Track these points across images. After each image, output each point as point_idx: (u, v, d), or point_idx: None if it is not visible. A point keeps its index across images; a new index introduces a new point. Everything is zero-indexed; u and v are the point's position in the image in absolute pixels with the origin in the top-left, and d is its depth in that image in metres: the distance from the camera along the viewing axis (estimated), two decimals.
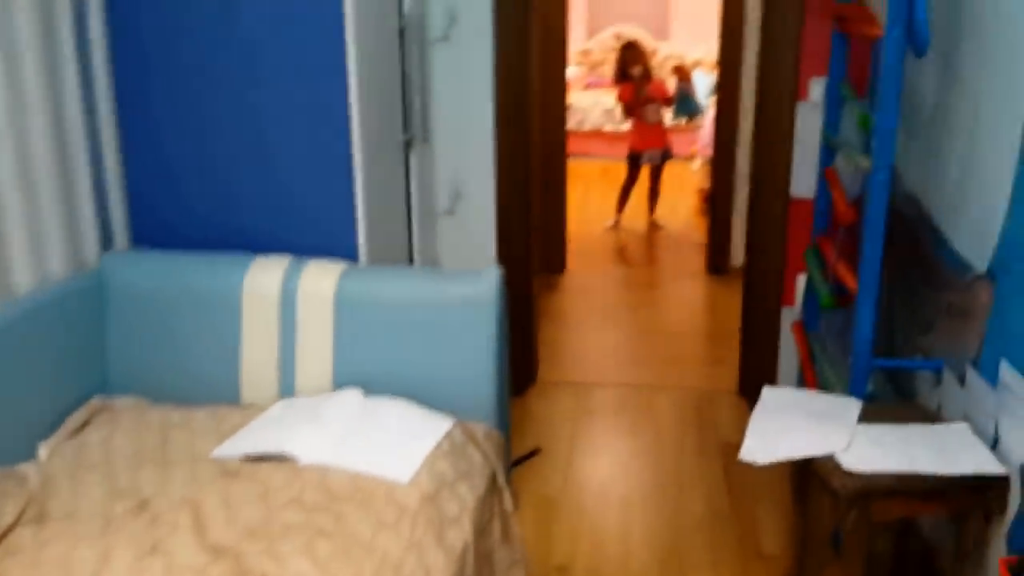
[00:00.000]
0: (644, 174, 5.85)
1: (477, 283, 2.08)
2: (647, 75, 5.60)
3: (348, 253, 2.28)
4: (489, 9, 2.96)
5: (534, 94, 3.20)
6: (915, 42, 1.97)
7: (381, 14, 2.41)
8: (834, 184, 2.62)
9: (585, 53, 8.88)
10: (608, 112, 8.00)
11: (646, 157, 5.75)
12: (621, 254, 5.50)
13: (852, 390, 2.22)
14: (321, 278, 2.12)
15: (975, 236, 1.99)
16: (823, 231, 2.77)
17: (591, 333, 4.14)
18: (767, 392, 2.14)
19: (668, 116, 5.87)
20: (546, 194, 4.83)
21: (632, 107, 5.67)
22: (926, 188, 2.35)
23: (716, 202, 4.89)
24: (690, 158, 7.07)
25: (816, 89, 2.86)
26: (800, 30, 2.84)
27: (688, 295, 4.71)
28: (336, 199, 2.25)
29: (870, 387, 2.34)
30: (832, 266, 2.51)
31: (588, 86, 8.62)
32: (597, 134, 8.14)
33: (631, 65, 5.56)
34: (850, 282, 2.29)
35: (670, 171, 5.87)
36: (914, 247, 2.42)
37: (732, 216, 4.85)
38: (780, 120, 2.93)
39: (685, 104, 5.67)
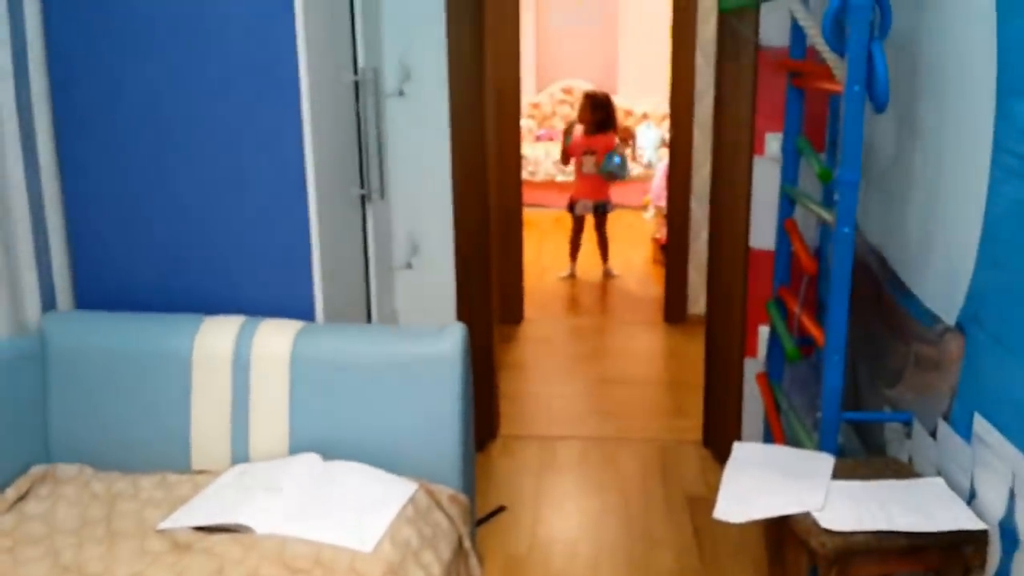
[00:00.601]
0: (589, 224, 5.88)
1: (440, 341, 2.02)
2: (602, 126, 5.63)
3: (304, 311, 2.21)
4: (443, 63, 2.94)
5: (490, 146, 3.18)
6: (875, 98, 1.99)
7: (336, 69, 2.38)
8: (794, 235, 2.63)
9: (535, 106, 8.97)
10: (559, 163, 8.05)
11: (580, 207, 5.78)
12: (578, 303, 5.48)
13: (823, 445, 2.20)
14: (276, 338, 2.04)
15: (942, 288, 1.99)
16: (784, 282, 2.78)
17: (552, 384, 4.08)
18: (738, 448, 2.10)
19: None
20: (503, 245, 4.81)
21: (567, 155, 5.72)
22: (887, 239, 2.37)
23: (671, 252, 4.91)
24: (643, 207, 7.15)
25: (772, 144, 2.89)
26: (754, 85, 2.87)
27: (647, 344, 4.69)
28: (292, 256, 2.18)
29: (839, 439, 2.32)
30: (796, 318, 2.51)
31: (539, 138, 8.70)
32: (549, 184, 8.18)
33: (582, 115, 5.61)
34: (816, 334, 2.27)
35: (623, 220, 5.91)
36: (877, 297, 2.43)
37: (688, 265, 4.87)
38: (737, 174, 2.94)
39: (612, 163, 5.66)
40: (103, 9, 2.06)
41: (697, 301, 4.85)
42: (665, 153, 5.83)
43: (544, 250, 6.74)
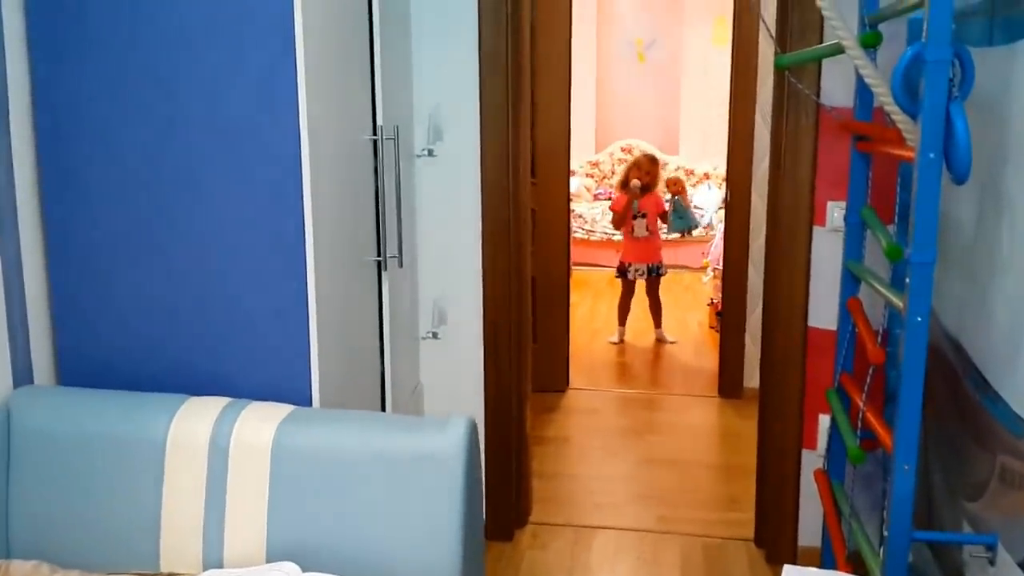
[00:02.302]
0: (640, 289, 5.61)
1: (441, 435, 1.76)
2: (648, 189, 5.41)
3: (300, 392, 1.98)
4: (475, 123, 2.75)
5: (524, 209, 2.95)
6: (954, 168, 1.70)
7: (349, 127, 2.19)
8: (859, 317, 2.33)
9: (594, 164, 8.78)
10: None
11: (632, 271, 5.52)
12: (628, 372, 5.18)
13: (889, 569, 1.87)
14: (258, 425, 1.81)
15: None
16: (847, 369, 2.46)
17: (592, 464, 3.78)
18: (789, 573, 1.79)
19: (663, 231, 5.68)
20: (549, 308, 4.57)
21: (621, 219, 5.48)
22: (967, 327, 2.05)
23: (727, 321, 4.60)
24: (702, 269, 6.83)
25: (835, 213, 2.60)
26: (815, 150, 2.60)
27: (698, 420, 4.36)
28: (286, 331, 1.96)
29: (909, 557, 1.99)
30: (860, 413, 2.19)
31: (597, 197, 8.49)
32: (606, 244, 7.95)
33: (636, 175, 5.38)
34: (883, 437, 1.96)
35: (680, 282, 5.63)
36: (954, 393, 2.10)
37: (744, 336, 4.55)
38: (795, 245, 2.66)
39: (680, 218, 5.45)
40: (93, 60, 1.91)
41: (754, 375, 4.49)
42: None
43: (597, 312, 6.48)
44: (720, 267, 5.62)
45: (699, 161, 8.38)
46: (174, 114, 1.92)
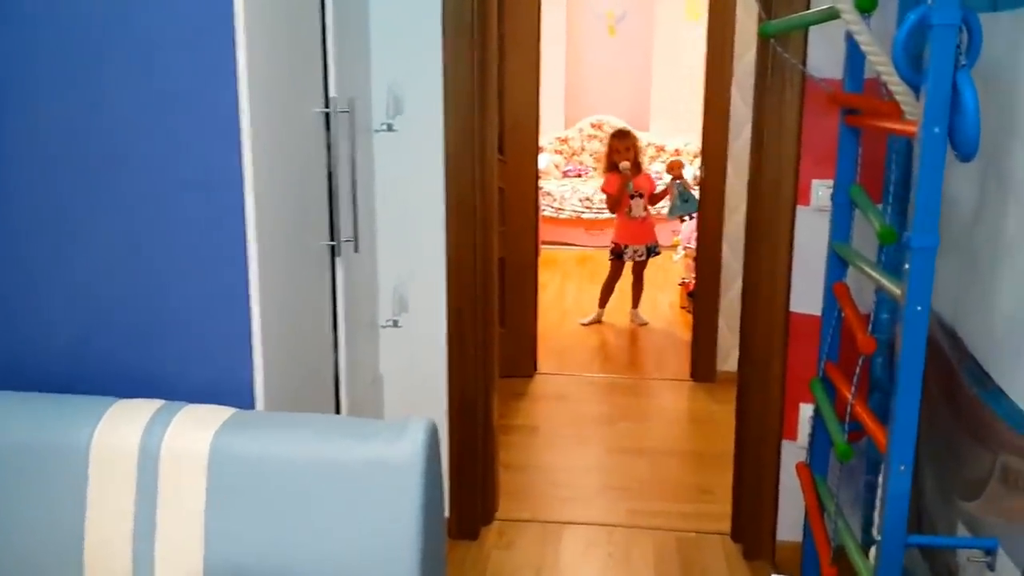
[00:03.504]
0: (628, 268, 5.47)
1: (398, 441, 1.59)
2: (636, 167, 5.25)
3: (242, 393, 1.80)
4: (439, 95, 2.56)
5: (491, 187, 2.77)
6: (961, 144, 1.55)
7: (297, 98, 1.99)
8: (846, 303, 2.18)
9: (563, 140, 8.59)
10: (586, 200, 7.67)
11: (629, 253, 5.37)
12: (599, 354, 5.03)
13: (883, 575, 1.74)
14: (194, 430, 1.62)
15: None
16: (832, 358, 2.32)
17: (561, 453, 3.63)
18: None
19: (654, 211, 5.50)
20: (518, 290, 4.40)
21: (617, 201, 5.30)
22: (964, 315, 1.92)
23: (700, 304, 4.46)
24: (672, 248, 6.70)
25: (820, 192, 2.46)
26: (800, 125, 2.44)
27: (671, 406, 4.23)
28: (226, 326, 1.77)
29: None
30: (849, 407, 2.05)
31: (566, 174, 8.31)
32: (576, 222, 7.79)
33: (620, 157, 5.20)
34: (877, 436, 1.82)
35: (650, 261, 5.48)
36: (949, 387, 1.97)
37: (718, 318, 4.42)
38: (777, 227, 2.51)
39: (685, 201, 5.28)
40: (6, 25, 1.69)
41: (728, 358, 4.39)
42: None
43: (566, 292, 6.33)
44: (691, 246, 5.50)
45: (670, 137, 8.22)
46: (99, 84, 1.71)
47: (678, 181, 5.35)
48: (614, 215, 5.49)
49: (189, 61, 1.69)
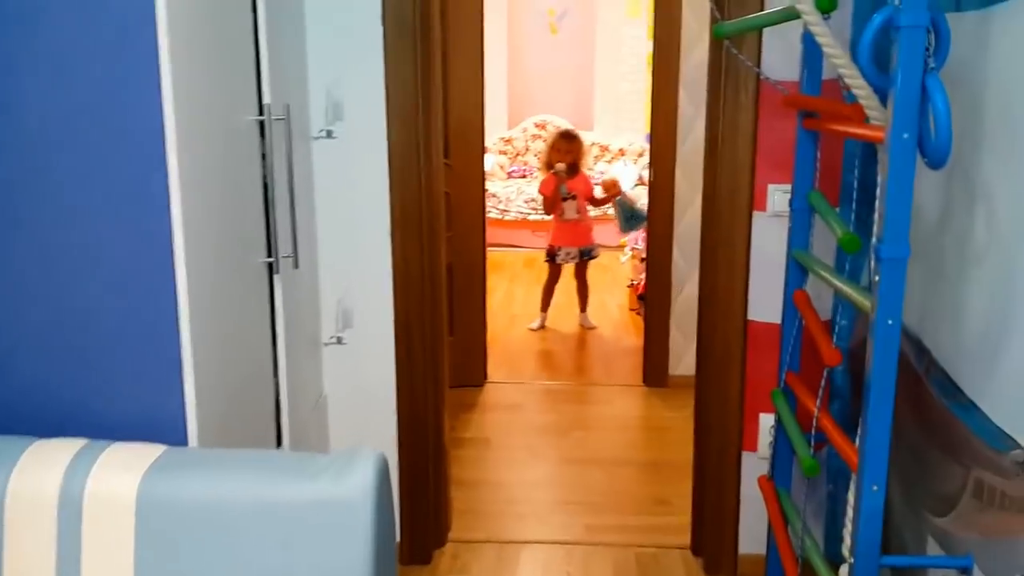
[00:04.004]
0: (568, 271, 5.39)
1: (345, 478, 1.47)
2: (574, 169, 5.16)
3: (173, 428, 1.66)
4: (381, 99, 2.43)
5: (438, 193, 2.66)
6: (932, 151, 1.49)
7: (227, 105, 1.84)
8: (807, 312, 2.12)
9: (507, 141, 8.50)
10: (531, 201, 7.58)
11: (562, 255, 5.29)
12: (549, 360, 4.95)
13: None
14: (120, 473, 1.48)
15: (1018, 401, 1.48)
16: (793, 368, 2.26)
17: (514, 467, 3.53)
18: None
19: (598, 213, 5.44)
20: (466, 296, 4.29)
21: (551, 203, 5.21)
22: (930, 324, 1.86)
23: (651, 308, 4.40)
24: (619, 248, 6.66)
25: (775, 197, 2.40)
26: (755, 128, 2.38)
27: (624, 412, 4.16)
28: (154, 354, 1.63)
29: None
30: (815, 421, 1.99)
31: (511, 175, 8.22)
32: (522, 223, 7.71)
33: (558, 157, 5.11)
34: (847, 453, 1.75)
35: (596, 263, 5.41)
36: (916, 399, 1.92)
37: (669, 321, 4.36)
38: (734, 233, 2.45)
39: (630, 218, 5.22)
40: None
41: (680, 362, 4.34)
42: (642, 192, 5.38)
43: (514, 296, 6.24)
44: (639, 247, 5.45)
45: (614, 136, 8.19)
46: (9, 96, 1.55)
47: (619, 197, 5.30)
48: (551, 217, 5.42)
49: (108, 69, 1.55)
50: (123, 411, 1.66)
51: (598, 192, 5.49)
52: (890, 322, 1.57)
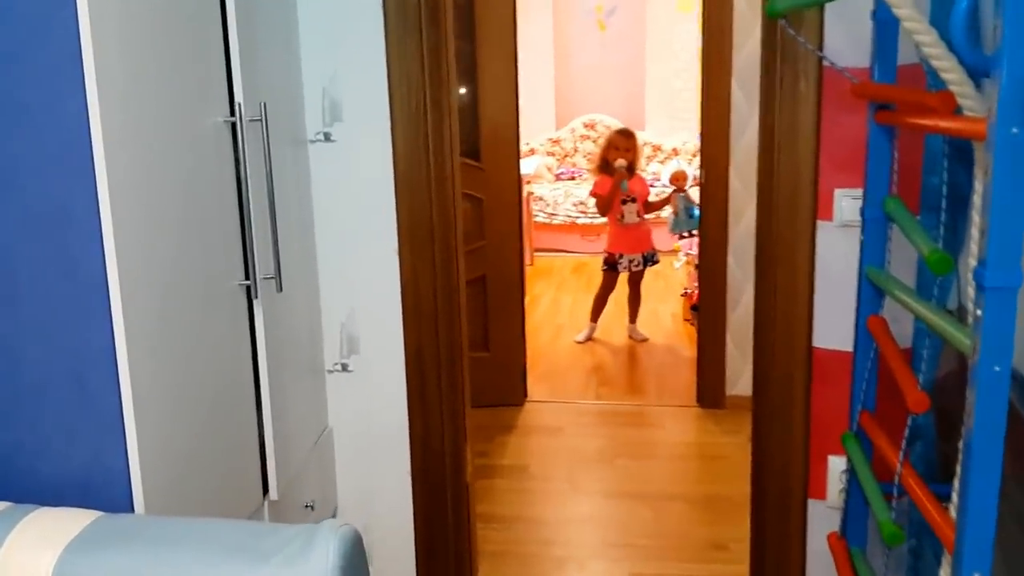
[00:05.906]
0: (622, 279, 5.03)
1: (300, 559, 1.18)
2: (631, 170, 4.80)
3: (115, 487, 1.40)
4: (384, 96, 2.15)
5: (452, 201, 2.36)
6: None
7: (181, 106, 1.57)
8: (886, 343, 1.76)
9: (555, 142, 8.18)
10: (580, 204, 7.25)
11: (624, 263, 4.93)
12: (595, 376, 4.60)
13: None
14: (35, 548, 1.22)
15: None
16: (868, 406, 1.90)
17: (553, 501, 3.21)
18: None
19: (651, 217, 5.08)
20: (503, 309, 4.00)
21: (607, 204, 4.85)
22: None
23: (705, 321, 4.04)
24: (672, 253, 6.28)
25: (844, 204, 2.04)
26: (818, 123, 2.03)
27: (676, 438, 3.80)
28: (89, 401, 1.37)
29: None
30: (897, 477, 1.63)
31: (559, 177, 7.89)
32: (570, 227, 7.39)
33: (618, 155, 4.75)
34: (943, 529, 1.40)
35: (648, 270, 5.04)
36: (1019, 450, 1.55)
37: (726, 337, 4.00)
38: (795, 247, 2.09)
39: (691, 216, 4.82)
40: None
41: (737, 381, 3.97)
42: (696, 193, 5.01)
43: (561, 305, 5.91)
44: (693, 252, 5.07)
45: (667, 136, 7.81)
46: None
47: (682, 194, 4.92)
48: (606, 219, 5.07)
49: (24, 65, 1.29)
50: (56, 470, 1.40)
51: (652, 196, 5.13)
52: (997, 368, 1.22)
